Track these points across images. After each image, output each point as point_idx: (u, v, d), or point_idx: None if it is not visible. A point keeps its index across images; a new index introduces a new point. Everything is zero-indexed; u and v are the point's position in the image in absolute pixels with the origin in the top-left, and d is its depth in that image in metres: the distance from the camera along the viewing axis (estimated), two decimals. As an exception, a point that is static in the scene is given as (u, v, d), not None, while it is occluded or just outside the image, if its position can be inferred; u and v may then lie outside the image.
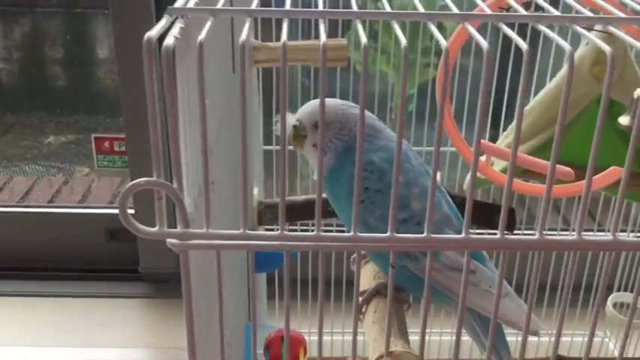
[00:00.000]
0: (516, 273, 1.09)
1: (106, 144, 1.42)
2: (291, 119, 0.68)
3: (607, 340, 1.28)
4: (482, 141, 0.72)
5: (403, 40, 0.38)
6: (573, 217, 1.29)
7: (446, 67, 0.37)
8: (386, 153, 0.66)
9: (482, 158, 0.80)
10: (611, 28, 0.42)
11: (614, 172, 0.67)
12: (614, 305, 1.10)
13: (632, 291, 1.16)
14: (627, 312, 1.15)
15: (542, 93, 0.91)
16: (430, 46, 1.15)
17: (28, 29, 2.06)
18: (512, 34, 0.41)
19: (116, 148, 1.44)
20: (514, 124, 0.93)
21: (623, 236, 0.42)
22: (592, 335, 0.46)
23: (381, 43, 1.11)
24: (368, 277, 0.69)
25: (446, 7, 0.52)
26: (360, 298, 0.67)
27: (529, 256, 1.16)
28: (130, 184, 0.40)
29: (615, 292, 1.16)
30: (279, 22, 1.00)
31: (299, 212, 0.94)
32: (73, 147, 2.04)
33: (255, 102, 1.01)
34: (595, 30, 0.55)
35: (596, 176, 0.68)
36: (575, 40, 0.93)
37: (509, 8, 0.50)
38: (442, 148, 1.16)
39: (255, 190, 1.02)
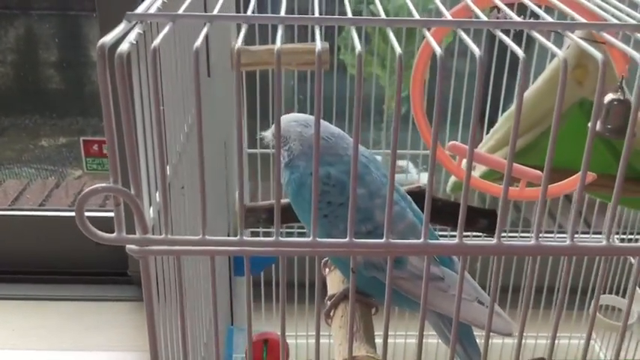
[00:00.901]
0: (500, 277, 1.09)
1: (95, 147, 1.42)
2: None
3: (592, 342, 1.28)
4: (451, 142, 0.72)
5: (358, 47, 0.38)
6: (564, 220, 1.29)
7: (399, 75, 0.37)
8: (345, 165, 0.66)
9: (464, 163, 0.80)
10: (568, 33, 0.42)
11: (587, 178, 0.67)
12: (600, 308, 1.10)
13: (617, 294, 1.16)
14: (614, 315, 1.15)
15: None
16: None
17: (21, 32, 2.06)
18: (469, 41, 0.41)
19: (105, 151, 1.43)
20: (496, 127, 0.93)
21: (582, 241, 0.42)
22: (554, 339, 0.46)
23: (373, 45, 1.09)
24: (337, 281, 0.70)
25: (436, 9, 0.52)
26: (329, 303, 0.67)
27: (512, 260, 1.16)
28: (87, 189, 0.40)
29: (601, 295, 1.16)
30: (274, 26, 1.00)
31: (280, 215, 0.94)
32: (65, 150, 2.03)
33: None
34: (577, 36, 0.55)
35: (564, 181, 0.68)
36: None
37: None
38: (427, 151, 1.16)
39: (237, 194, 1.02)
